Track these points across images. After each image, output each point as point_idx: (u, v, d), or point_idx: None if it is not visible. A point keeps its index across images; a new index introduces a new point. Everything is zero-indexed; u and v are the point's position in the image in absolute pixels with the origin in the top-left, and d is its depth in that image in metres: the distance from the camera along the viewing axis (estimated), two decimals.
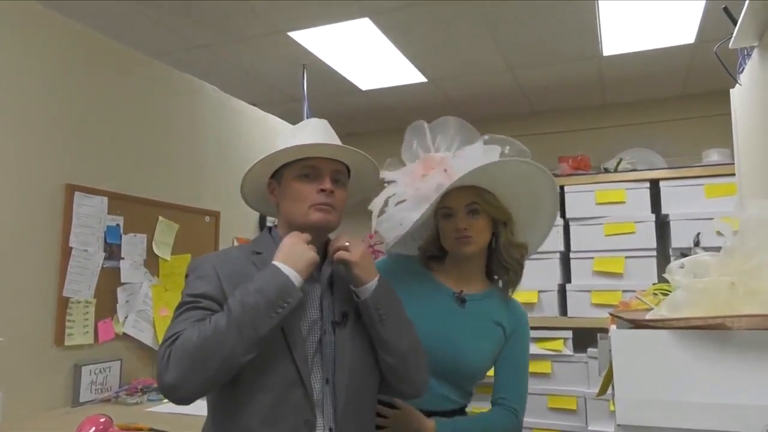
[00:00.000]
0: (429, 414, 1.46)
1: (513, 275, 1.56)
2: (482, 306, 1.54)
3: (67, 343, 2.12)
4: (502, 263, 1.54)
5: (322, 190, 1.26)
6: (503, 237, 1.52)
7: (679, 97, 4.24)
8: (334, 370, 1.23)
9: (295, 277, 1.15)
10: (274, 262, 1.16)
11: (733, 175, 2.36)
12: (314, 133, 1.32)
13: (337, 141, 1.35)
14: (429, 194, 1.47)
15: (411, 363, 1.30)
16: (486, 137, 1.56)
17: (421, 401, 1.43)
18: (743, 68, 1.99)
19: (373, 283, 1.25)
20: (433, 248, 1.59)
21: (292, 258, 1.17)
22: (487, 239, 1.52)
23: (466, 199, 1.48)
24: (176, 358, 1.09)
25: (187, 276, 1.26)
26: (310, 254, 1.19)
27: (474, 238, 1.48)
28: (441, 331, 1.47)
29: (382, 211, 1.60)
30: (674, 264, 1.04)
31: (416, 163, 1.56)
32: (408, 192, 1.54)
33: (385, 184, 1.60)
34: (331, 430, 1.20)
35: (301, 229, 1.26)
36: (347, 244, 1.26)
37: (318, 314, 1.26)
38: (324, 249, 1.30)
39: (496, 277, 1.61)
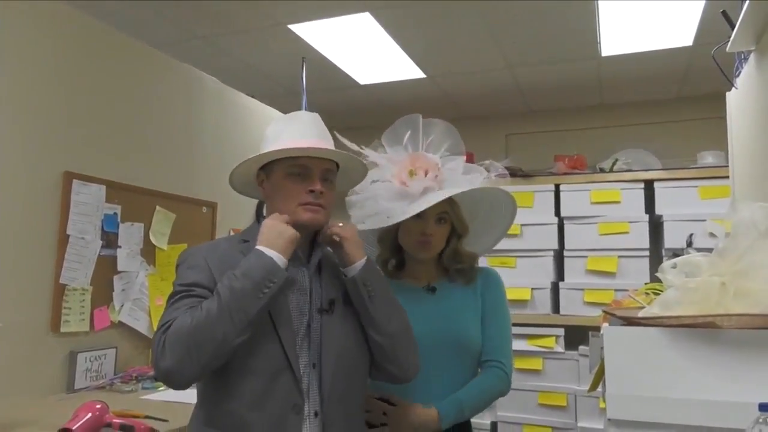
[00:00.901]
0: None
1: (464, 274, 1.59)
2: (451, 286, 1.58)
3: (63, 330, 2.13)
4: (448, 266, 1.58)
5: (312, 191, 1.28)
6: (452, 245, 1.57)
7: (676, 99, 4.27)
8: (321, 355, 1.25)
9: (278, 258, 1.18)
10: (257, 247, 1.19)
11: (728, 177, 2.38)
12: (305, 130, 1.33)
13: (327, 137, 1.37)
14: (414, 194, 1.50)
15: (400, 343, 1.33)
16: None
17: (436, 399, 1.46)
18: (740, 72, 2.01)
19: (361, 262, 1.29)
20: (390, 253, 1.61)
21: (272, 239, 1.19)
22: (443, 246, 1.57)
23: (439, 207, 1.51)
24: (171, 345, 1.11)
25: (177, 266, 1.29)
26: (290, 232, 1.21)
27: (434, 245, 1.53)
28: (428, 323, 1.50)
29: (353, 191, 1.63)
30: (666, 263, 1.06)
31: (405, 156, 1.58)
32: (394, 182, 1.56)
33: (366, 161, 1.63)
34: (316, 413, 1.23)
35: (291, 226, 1.29)
36: (341, 225, 1.32)
37: (306, 300, 1.28)
38: (313, 239, 1.34)
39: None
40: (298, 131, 1.33)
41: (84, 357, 2.19)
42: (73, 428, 1.47)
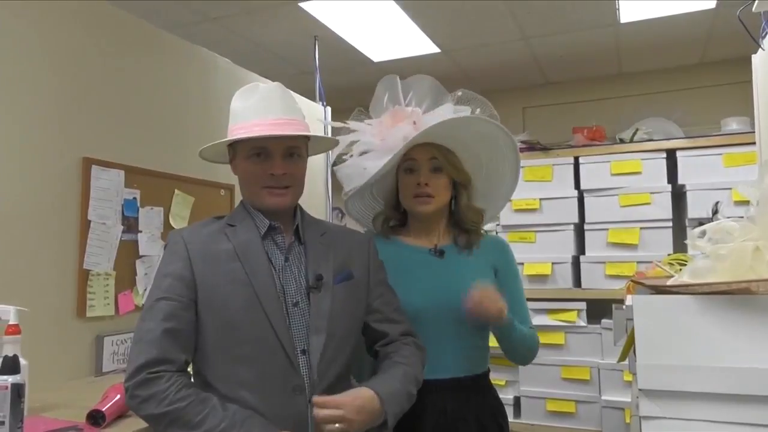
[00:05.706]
0: (457, 382, 1.47)
1: (473, 235, 1.56)
2: (458, 251, 1.55)
3: (88, 314, 2.15)
4: (461, 225, 1.55)
5: (272, 175, 1.25)
6: (463, 199, 1.53)
7: (698, 65, 4.15)
8: (308, 336, 1.22)
9: None
10: None
11: (753, 143, 2.33)
12: (265, 106, 1.27)
13: (291, 108, 1.30)
14: (395, 145, 1.46)
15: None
16: (459, 92, 1.56)
17: (447, 370, 1.46)
18: (767, 33, 1.95)
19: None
20: (392, 212, 1.58)
21: None
22: (446, 200, 1.52)
23: (429, 154, 1.47)
24: (142, 409, 1.14)
25: (164, 249, 1.30)
26: None
27: (434, 196, 1.48)
28: (440, 290, 1.48)
29: (342, 160, 1.60)
30: (695, 231, 1.03)
31: (385, 114, 1.55)
32: (374, 142, 1.53)
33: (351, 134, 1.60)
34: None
35: (257, 209, 1.29)
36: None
37: (289, 278, 1.27)
38: (292, 214, 1.33)
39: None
40: (261, 108, 1.27)
41: (110, 341, 2.22)
42: (103, 409, 1.49)
